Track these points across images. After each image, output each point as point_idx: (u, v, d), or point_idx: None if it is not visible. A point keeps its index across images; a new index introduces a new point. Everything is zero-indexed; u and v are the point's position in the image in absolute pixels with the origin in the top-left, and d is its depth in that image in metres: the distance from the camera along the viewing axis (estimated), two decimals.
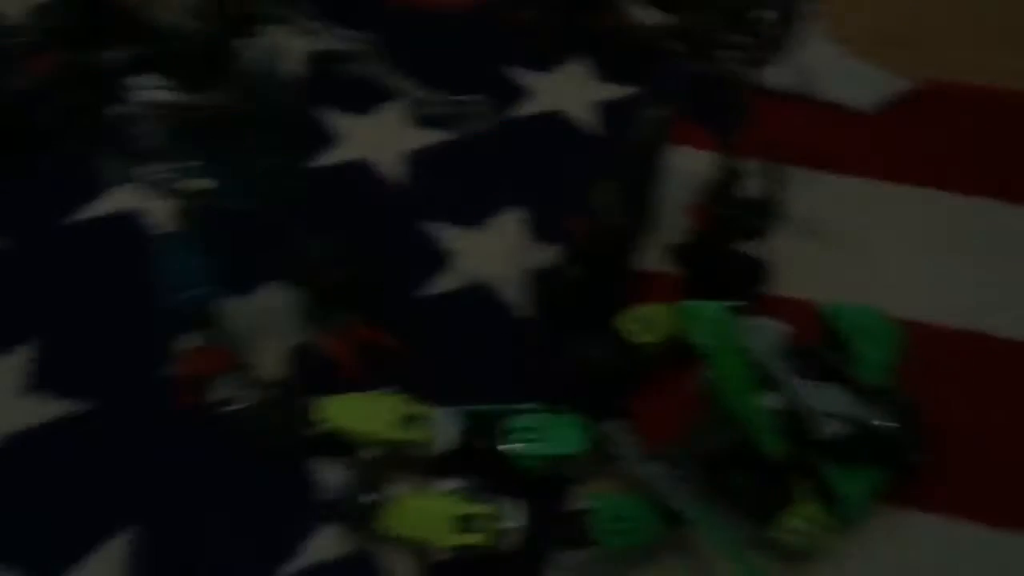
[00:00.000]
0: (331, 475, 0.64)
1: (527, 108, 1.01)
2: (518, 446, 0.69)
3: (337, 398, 0.68)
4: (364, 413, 0.67)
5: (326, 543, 0.68)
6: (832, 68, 1.03)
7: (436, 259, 0.86)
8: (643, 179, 0.75)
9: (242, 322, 0.77)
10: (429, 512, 0.62)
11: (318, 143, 0.96)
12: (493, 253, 0.87)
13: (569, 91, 1.03)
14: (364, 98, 0.96)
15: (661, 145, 0.72)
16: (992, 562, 0.68)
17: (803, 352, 0.72)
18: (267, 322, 0.79)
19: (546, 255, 0.86)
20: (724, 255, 0.83)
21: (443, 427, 0.68)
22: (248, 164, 0.61)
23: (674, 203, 0.83)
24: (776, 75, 1.01)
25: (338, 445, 0.69)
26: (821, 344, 0.71)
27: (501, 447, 0.69)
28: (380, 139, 0.96)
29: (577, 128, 0.99)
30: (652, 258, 0.87)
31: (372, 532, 0.65)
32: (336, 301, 0.72)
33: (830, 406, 0.66)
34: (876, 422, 0.67)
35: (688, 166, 0.80)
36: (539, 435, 0.69)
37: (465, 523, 0.62)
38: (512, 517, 0.62)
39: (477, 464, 0.70)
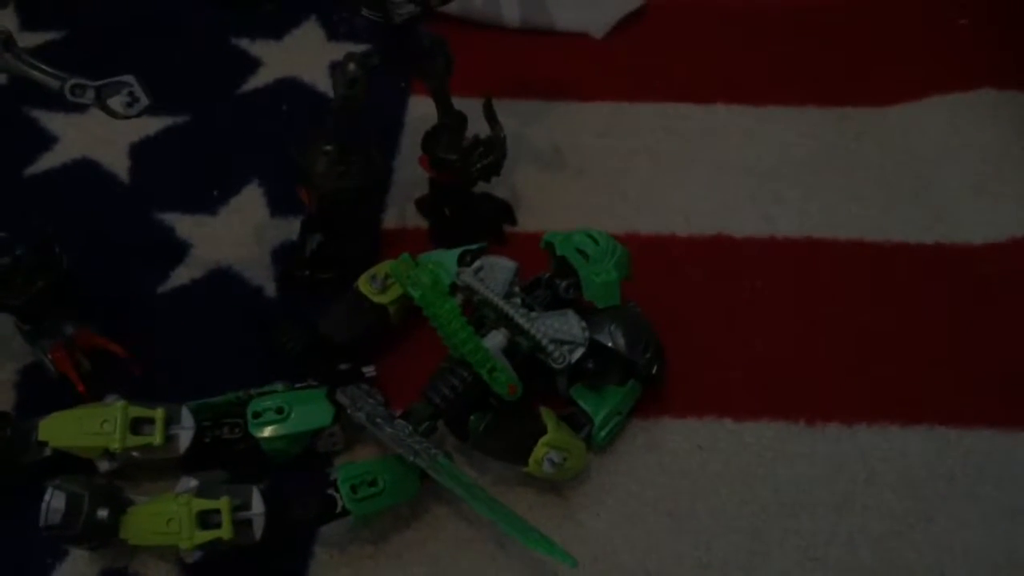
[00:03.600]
0: (56, 498, 0.61)
1: (260, 79, 0.98)
2: (266, 429, 0.67)
3: (54, 417, 0.64)
4: (83, 427, 0.63)
5: (77, 567, 0.65)
6: None
7: (172, 252, 0.82)
8: (357, 140, 0.73)
9: None
10: (163, 517, 0.60)
11: (35, 147, 0.90)
12: (232, 236, 0.84)
13: (302, 56, 0.99)
14: None
15: (360, 102, 0.70)
16: (742, 453, 0.70)
17: (535, 284, 0.72)
18: None
19: (289, 228, 0.83)
20: (463, 199, 0.82)
21: (179, 426, 0.66)
22: None
23: (415, 158, 0.82)
24: (508, 10, 1.01)
25: (72, 464, 0.65)
26: (552, 273, 0.72)
27: (250, 432, 0.67)
28: (99, 135, 0.90)
29: (313, 92, 0.96)
30: (397, 214, 0.86)
31: (118, 546, 0.63)
32: (45, 312, 0.68)
33: (561, 333, 0.66)
34: (608, 342, 0.68)
35: (431, 117, 0.79)
36: (286, 415, 0.67)
37: (202, 520, 0.59)
38: (249, 505, 0.60)
39: (228, 455, 0.68)
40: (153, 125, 0.92)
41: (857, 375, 0.74)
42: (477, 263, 0.70)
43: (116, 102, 0.59)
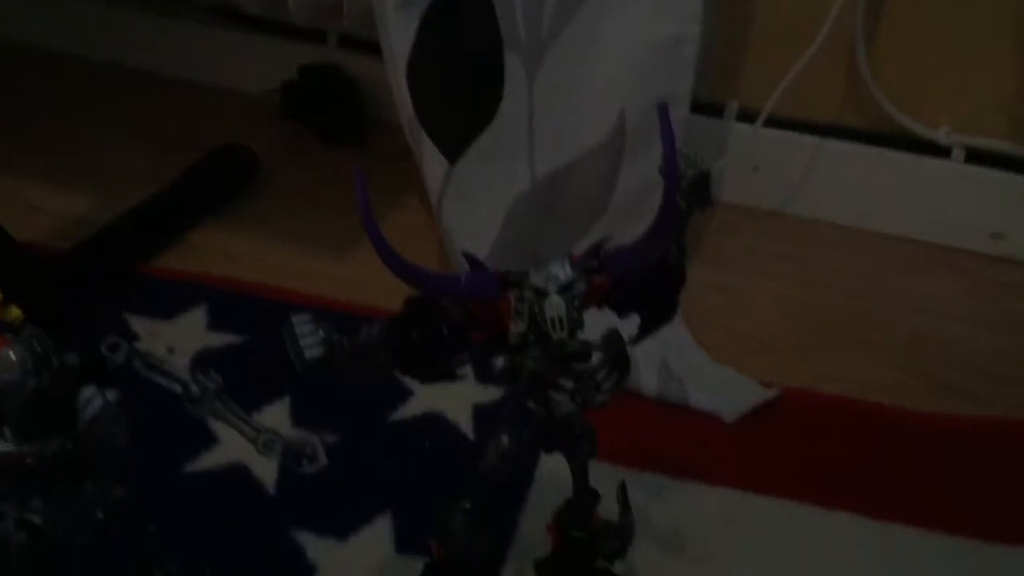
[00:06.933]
0: None
1: (409, 409, 1.05)
2: None
3: None
4: None
5: None
6: (698, 375, 1.09)
7: (299, 573, 0.86)
8: (495, 505, 0.77)
9: None
10: None
11: (197, 444, 0.97)
12: (357, 567, 0.87)
13: (450, 392, 1.07)
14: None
15: (510, 474, 0.75)
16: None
17: None
18: None
19: (411, 569, 0.86)
20: (585, 573, 0.84)
21: None
22: (84, 503, 0.63)
23: (540, 513, 0.85)
24: (646, 379, 1.07)
25: None
26: None
27: None
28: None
29: (455, 431, 1.02)
30: (516, 570, 0.88)
31: None
32: None
33: None
34: None
35: (561, 478, 0.82)
36: None
37: None
38: None
39: None
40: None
41: None
42: None
43: (297, 457, 0.65)
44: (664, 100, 0.62)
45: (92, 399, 0.61)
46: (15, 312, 1.01)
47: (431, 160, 1.10)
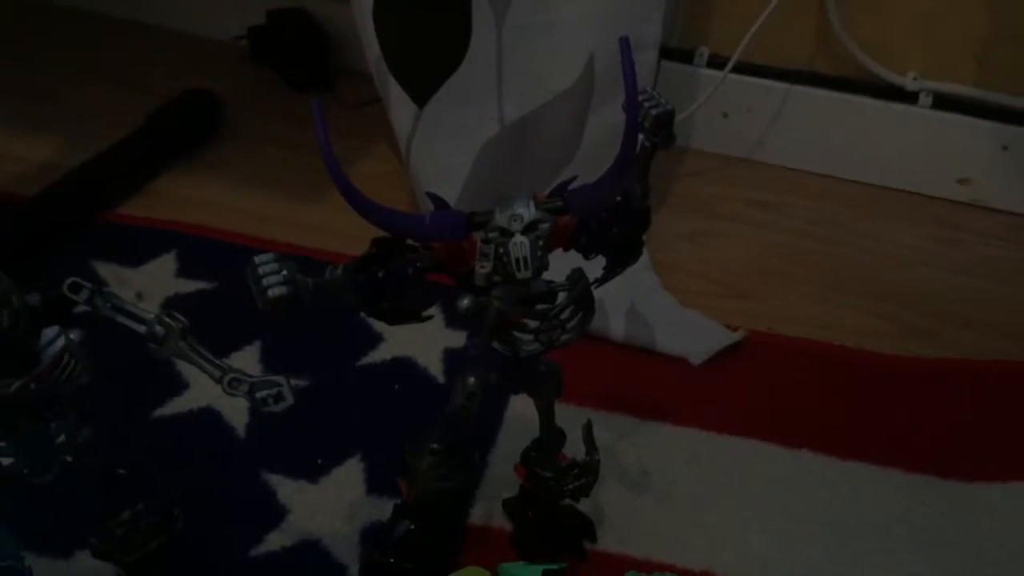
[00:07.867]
0: None
1: (379, 354, 1.05)
2: None
3: None
4: None
5: None
6: (665, 319, 1.10)
7: (271, 515, 0.87)
8: (463, 446, 0.78)
9: None
10: None
11: (168, 390, 0.98)
12: (328, 507, 0.88)
13: (419, 337, 1.07)
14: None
15: (476, 413, 0.75)
16: None
17: None
18: None
19: (382, 509, 0.87)
20: (551, 511, 0.85)
21: None
22: (49, 444, 0.63)
23: (509, 455, 0.86)
24: (615, 324, 1.08)
25: None
26: None
27: None
28: None
29: (425, 375, 1.03)
30: (485, 511, 0.90)
31: None
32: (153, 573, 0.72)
33: None
34: None
35: (529, 419, 0.83)
36: None
37: None
38: None
39: None
40: None
41: None
42: None
43: (263, 397, 0.65)
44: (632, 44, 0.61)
45: (54, 339, 0.61)
46: None
47: (399, 104, 1.09)
